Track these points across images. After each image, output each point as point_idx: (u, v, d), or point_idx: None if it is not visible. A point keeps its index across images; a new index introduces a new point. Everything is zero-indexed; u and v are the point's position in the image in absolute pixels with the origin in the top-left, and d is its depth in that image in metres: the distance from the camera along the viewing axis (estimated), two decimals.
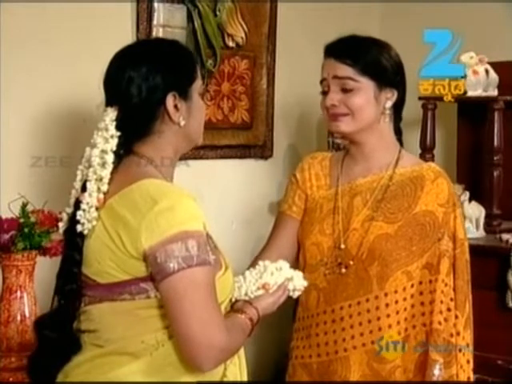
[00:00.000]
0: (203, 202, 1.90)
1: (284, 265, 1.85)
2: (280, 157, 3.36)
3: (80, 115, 2.52)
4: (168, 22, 2.84)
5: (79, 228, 1.65)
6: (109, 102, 1.71)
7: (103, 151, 1.67)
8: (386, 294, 2.04)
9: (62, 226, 1.75)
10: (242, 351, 1.78)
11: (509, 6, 3.23)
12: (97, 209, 1.64)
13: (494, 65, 3.07)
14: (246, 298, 1.77)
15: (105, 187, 1.65)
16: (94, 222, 1.64)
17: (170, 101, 1.68)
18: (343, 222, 2.09)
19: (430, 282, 2.05)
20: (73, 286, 1.68)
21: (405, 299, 2.05)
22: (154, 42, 1.83)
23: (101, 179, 1.65)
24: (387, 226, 2.05)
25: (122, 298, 1.62)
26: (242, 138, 3.20)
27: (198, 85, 1.75)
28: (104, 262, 1.63)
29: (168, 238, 1.56)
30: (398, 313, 2.04)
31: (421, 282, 2.05)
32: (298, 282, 1.85)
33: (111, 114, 1.68)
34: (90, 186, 1.65)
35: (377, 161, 2.11)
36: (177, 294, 1.57)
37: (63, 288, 1.69)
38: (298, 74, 3.37)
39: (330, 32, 3.41)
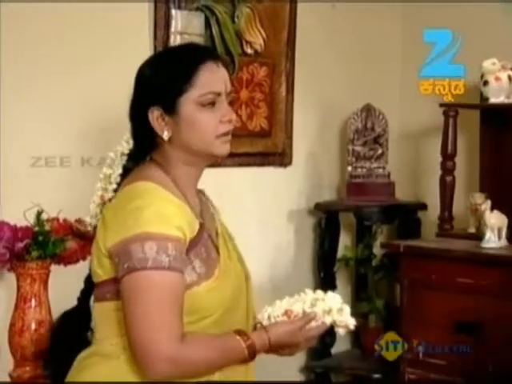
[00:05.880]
0: (221, 210, 1.87)
1: (331, 297, 1.69)
2: (299, 165, 3.32)
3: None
4: (185, 29, 2.83)
5: (88, 220, 1.77)
6: None
7: (115, 152, 1.76)
8: None
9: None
10: (252, 372, 1.71)
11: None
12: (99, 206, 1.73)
13: None
14: (268, 322, 1.67)
15: (112, 186, 1.72)
16: (96, 220, 1.73)
17: (150, 116, 1.67)
18: None
19: None
20: (86, 286, 1.76)
21: None
22: (158, 54, 1.90)
23: (108, 178, 1.73)
24: None
25: (106, 298, 1.64)
26: (261, 145, 3.17)
27: (192, 96, 1.65)
28: (93, 260, 1.67)
29: (128, 238, 1.55)
30: None
31: None
32: (339, 318, 1.66)
33: None
34: (98, 184, 1.74)
35: None
36: (128, 296, 1.55)
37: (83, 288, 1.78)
38: (317, 80, 3.34)
39: (349, 38, 3.42)
